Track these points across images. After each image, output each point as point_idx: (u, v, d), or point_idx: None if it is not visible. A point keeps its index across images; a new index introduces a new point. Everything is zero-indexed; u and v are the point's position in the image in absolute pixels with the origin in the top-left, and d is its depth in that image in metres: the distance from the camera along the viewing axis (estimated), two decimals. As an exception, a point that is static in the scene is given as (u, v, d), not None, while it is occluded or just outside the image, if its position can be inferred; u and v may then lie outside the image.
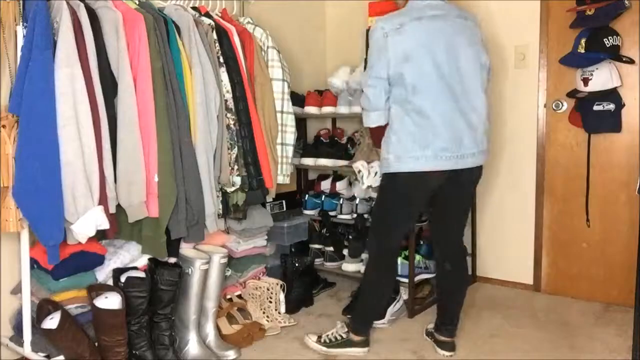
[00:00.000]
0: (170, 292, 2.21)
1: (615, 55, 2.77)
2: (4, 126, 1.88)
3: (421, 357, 2.41)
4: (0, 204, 1.90)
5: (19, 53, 1.90)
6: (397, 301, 2.79)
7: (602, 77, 2.78)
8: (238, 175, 2.42)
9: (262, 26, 2.72)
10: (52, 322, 1.98)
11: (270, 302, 2.73)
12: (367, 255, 2.52)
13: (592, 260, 3.02)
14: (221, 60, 2.40)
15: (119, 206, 2.05)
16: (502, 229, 3.28)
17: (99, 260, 2.18)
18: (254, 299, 2.73)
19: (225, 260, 2.44)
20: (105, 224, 1.97)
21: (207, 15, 2.47)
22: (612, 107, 2.81)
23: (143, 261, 2.29)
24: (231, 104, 2.41)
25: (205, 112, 2.25)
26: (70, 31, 1.89)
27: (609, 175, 2.94)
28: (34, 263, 2.09)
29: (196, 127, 2.23)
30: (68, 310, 2.08)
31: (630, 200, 2.85)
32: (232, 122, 2.41)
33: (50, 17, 1.89)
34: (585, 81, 2.84)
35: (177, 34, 2.22)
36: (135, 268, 2.25)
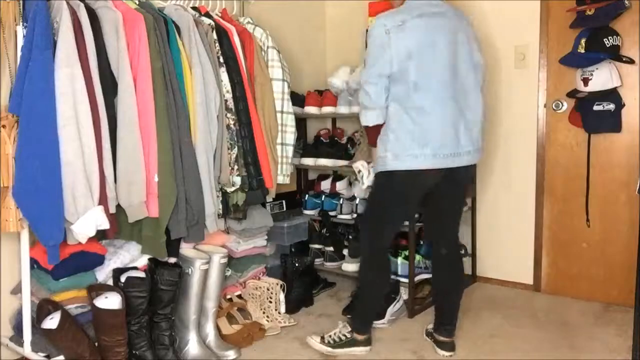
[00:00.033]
0: (170, 292, 2.22)
1: (615, 55, 2.77)
2: (4, 126, 1.88)
3: (421, 357, 2.41)
4: (0, 204, 1.90)
5: (19, 53, 1.90)
6: (397, 301, 2.79)
7: (602, 77, 2.78)
8: (238, 175, 2.42)
9: (262, 26, 2.72)
10: (52, 322, 1.98)
11: (270, 302, 2.73)
12: (361, 256, 2.49)
13: (592, 260, 3.02)
14: (221, 60, 2.40)
15: (119, 206, 2.05)
16: (502, 229, 3.28)
17: (99, 260, 2.18)
18: (254, 299, 2.73)
19: (225, 260, 2.44)
20: (105, 224, 1.97)
21: (207, 15, 2.47)
22: (612, 107, 2.81)
23: (143, 261, 2.29)
24: (231, 104, 2.41)
25: (205, 112, 2.25)
26: (70, 31, 1.89)
27: (609, 175, 2.94)
28: (34, 263, 2.09)
29: (196, 127, 2.23)
30: (68, 310, 2.08)
31: (630, 200, 2.85)
32: (232, 122, 2.41)
33: (50, 17, 1.89)
34: (585, 81, 2.84)
35: (177, 34, 2.22)
36: (135, 268, 2.25)
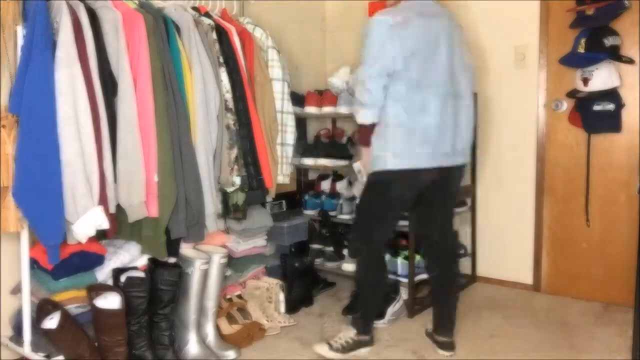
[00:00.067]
0: (170, 292, 2.21)
1: (615, 55, 2.77)
2: (4, 126, 1.88)
3: (421, 357, 2.41)
4: (0, 204, 1.90)
5: (19, 53, 1.90)
6: (397, 301, 2.79)
7: (602, 77, 2.78)
8: (238, 175, 2.42)
9: (262, 26, 2.72)
10: (52, 322, 1.98)
11: (270, 302, 2.73)
12: (359, 258, 2.46)
13: (592, 260, 3.02)
14: (221, 60, 2.40)
15: (119, 206, 2.05)
16: (502, 229, 3.28)
17: (99, 260, 2.18)
18: (254, 299, 2.73)
19: (225, 260, 2.44)
20: (105, 224, 1.97)
21: (207, 15, 2.47)
22: (611, 107, 2.82)
23: (143, 261, 2.28)
24: (231, 104, 2.41)
25: (205, 112, 2.25)
26: (70, 31, 1.89)
27: (609, 175, 2.94)
28: (34, 263, 2.09)
29: (196, 127, 2.23)
30: (68, 310, 2.08)
31: (630, 200, 2.85)
32: (231, 122, 2.41)
33: (50, 17, 1.89)
34: (585, 81, 2.84)
35: (177, 34, 2.22)
36: (135, 268, 2.25)
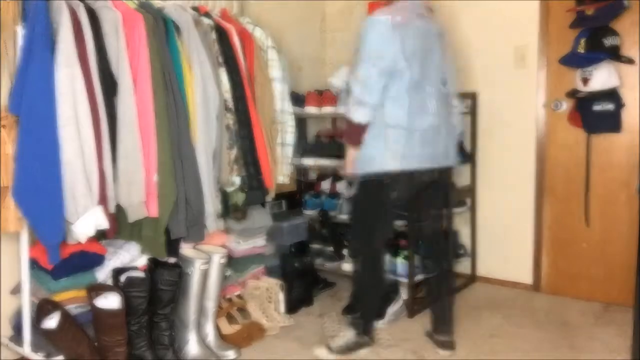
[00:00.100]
0: (170, 292, 2.22)
1: (614, 55, 2.77)
2: (4, 126, 1.88)
3: (421, 357, 2.41)
4: (1, 204, 1.90)
5: (19, 53, 1.90)
6: (397, 301, 2.79)
7: (602, 77, 2.78)
8: (238, 175, 2.42)
9: (262, 26, 2.72)
10: (51, 322, 1.98)
11: (270, 302, 2.73)
12: (357, 259, 2.47)
13: (592, 260, 3.02)
14: (221, 60, 2.40)
15: (118, 206, 2.05)
16: (502, 229, 3.28)
17: (99, 260, 2.18)
18: (254, 299, 2.73)
19: (224, 260, 2.44)
20: (105, 224, 1.97)
21: (207, 15, 2.47)
22: (611, 107, 2.82)
23: (143, 261, 2.28)
24: (231, 104, 2.41)
25: (204, 112, 2.25)
26: (70, 31, 1.89)
27: (608, 175, 2.94)
28: (33, 263, 2.09)
29: (196, 127, 2.22)
30: (68, 310, 2.08)
31: (630, 200, 2.85)
32: (231, 122, 2.41)
33: (49, 17, 1.89)
34: (585, 81, 2.84)
35: (176, 34, 2.22)
36: (135, 268, 2.25)
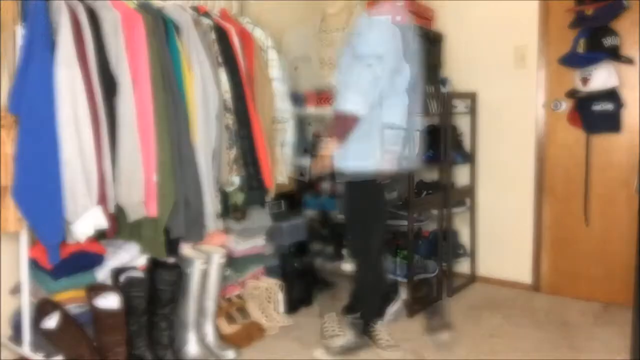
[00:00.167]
0: (169, 292, 2.21)
1: (614, 55, 2.77)
2: (3, 126, 1.88)
3: (421, 357, 2.41)
4: (1, 204, 1.90)
5: (19, 53, 1.90)
6: (397, 301, 2.79)
7: (601, 77, 2.78)
8: (237, 175, 2.42)
9: (262, 26, 2.72)
10: (51, 322, 1.99)
11: (269, 302, 2.73)
12: (357, 259, 2.48)
13: (591, 260, 3.02)
14: (220, 60, 2.40)
15: (118, 206, 2.05)
16: (502, 229, 3.28)
17: (99, 260, 2.18)
18: (253, 299, 2.73)
19: (224, 260, 2.44)
20: (104, 224, 1.97)
21: (207, 15, 2.47)
22: (611, 107, 2.82)
23: (142, 261, 2.28)
24: (230, 104, 2.41)
25: (204, 112, 2.25)
26: (70, 31, 1.89)
27: (608, 175, 2.94)
28: (33, 263, 2.09)
29: (195, 127, 2.22)
30: (67, 310, 2.08)
31: (630, 199, 2.85)
32: (231, 122, 2.41)
33: (49, 17, 1.89)
34: (585, 81, 2.84)
35: (176, 34, 2.22)
36: (134, 268, 2.24)
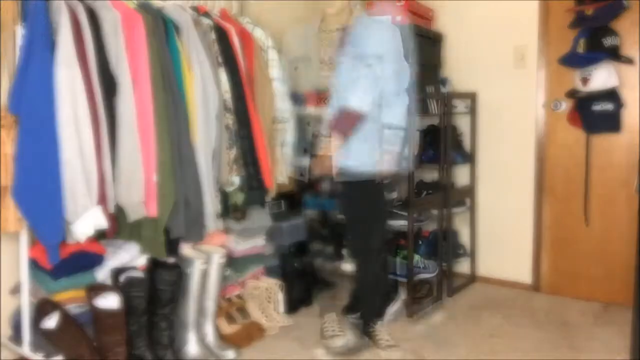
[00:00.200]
0: (169, 292, 2.21)
1: (614, 55, 2.78)
2: (3, 126, 1.88)
3: (421, 357, 2.41)
4: (0, 204, 1.90)
5: (19, 53, 1.90)
6: (397, 301, 2.79)
7: (601, 77, 2.78)
8: (237, 175, 2.42)
9: (262, 26, 2.72)
10: (51, 322, 1.99)
11: (269, 302, 2.73)
12: (357, 259, 2.49)
13: (591, 260, 3.02)
14: (220, 60, 2.40)
15: (118, 206, 2.05)
16: (502, 229, 3.28)
17: (99, 260, 2.18)
18: (253, 299, 2.73)
19: (224, 260, 2.44)
20: (104, 224, 1.97)
21: (206, 15, 2.47)
22: (610, 107, 2.82)
23: (142, 261, 2.28)
24: (230, 104, 2.41)
25: (204, 112, 2.25)
26: (70, 31, 1.89)
27: (608, 175, 2.94)
28: (33, 263, 2.09)
29: (195, 127, 2.22)
30: (67, 310, 2.08)
31: (630, 199, 2.85)
32: (231, 122, 2.41)
33: (49, 17, 1.89)
34: (585, 81, 2.84)
35: (176, 34, 2.22)
36: (134, 268, 2.25)
